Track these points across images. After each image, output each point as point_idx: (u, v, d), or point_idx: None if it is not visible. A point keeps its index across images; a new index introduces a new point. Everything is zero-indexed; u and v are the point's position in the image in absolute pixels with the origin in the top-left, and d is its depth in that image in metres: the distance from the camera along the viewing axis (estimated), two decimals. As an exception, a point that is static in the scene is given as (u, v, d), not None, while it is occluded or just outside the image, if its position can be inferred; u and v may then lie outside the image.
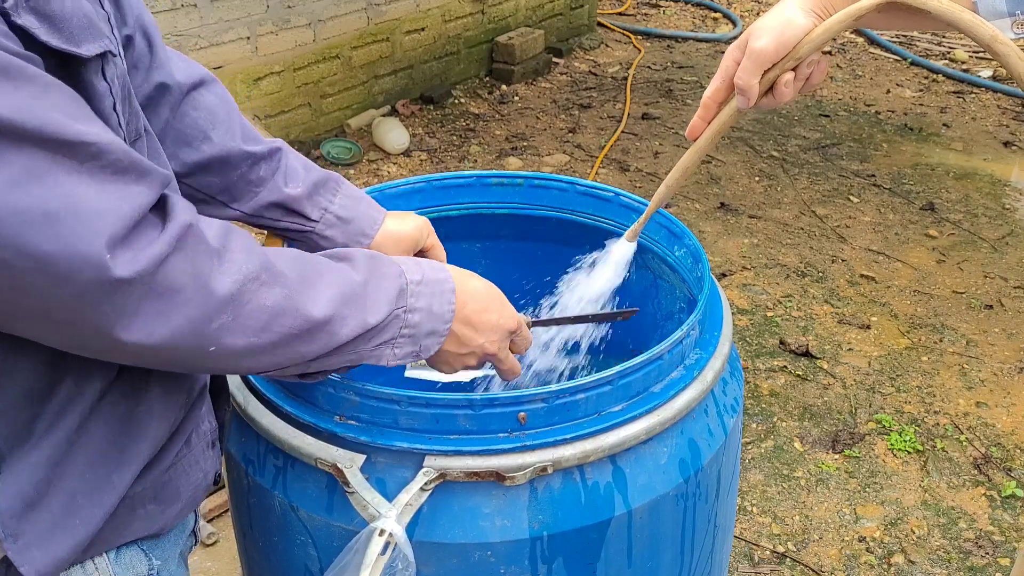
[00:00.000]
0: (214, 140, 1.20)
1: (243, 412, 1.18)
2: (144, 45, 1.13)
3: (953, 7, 0.98)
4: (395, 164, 4.55)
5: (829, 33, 1.05)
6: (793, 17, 1.06)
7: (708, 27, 6.96)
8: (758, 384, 3.13)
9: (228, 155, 1.21)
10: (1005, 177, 4.65)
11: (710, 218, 4.18)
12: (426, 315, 1.02)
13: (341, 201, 1.28)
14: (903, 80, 5.93)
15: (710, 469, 1.19)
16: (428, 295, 1.02)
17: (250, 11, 4.14)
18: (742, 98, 1.10)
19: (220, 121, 1.21)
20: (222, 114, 1.22)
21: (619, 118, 5.17)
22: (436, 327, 1.04)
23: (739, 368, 1.35)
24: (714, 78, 1.14)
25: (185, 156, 1.20)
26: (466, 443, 1.06)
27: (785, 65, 1.07)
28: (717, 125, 1.16)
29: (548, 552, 1.09)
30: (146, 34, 1.13)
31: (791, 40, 1.06)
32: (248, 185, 1.23)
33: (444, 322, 1.04)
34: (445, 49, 5.31)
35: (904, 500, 2.67)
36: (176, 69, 1.18)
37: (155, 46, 1.15)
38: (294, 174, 1.26)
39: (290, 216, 1.26)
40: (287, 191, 1.24)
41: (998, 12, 1.00)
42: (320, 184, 1.27)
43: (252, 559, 1.29)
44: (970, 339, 3.39)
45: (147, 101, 1.15)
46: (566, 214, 1.57)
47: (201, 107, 1.20)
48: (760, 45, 1.06)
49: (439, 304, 1.03)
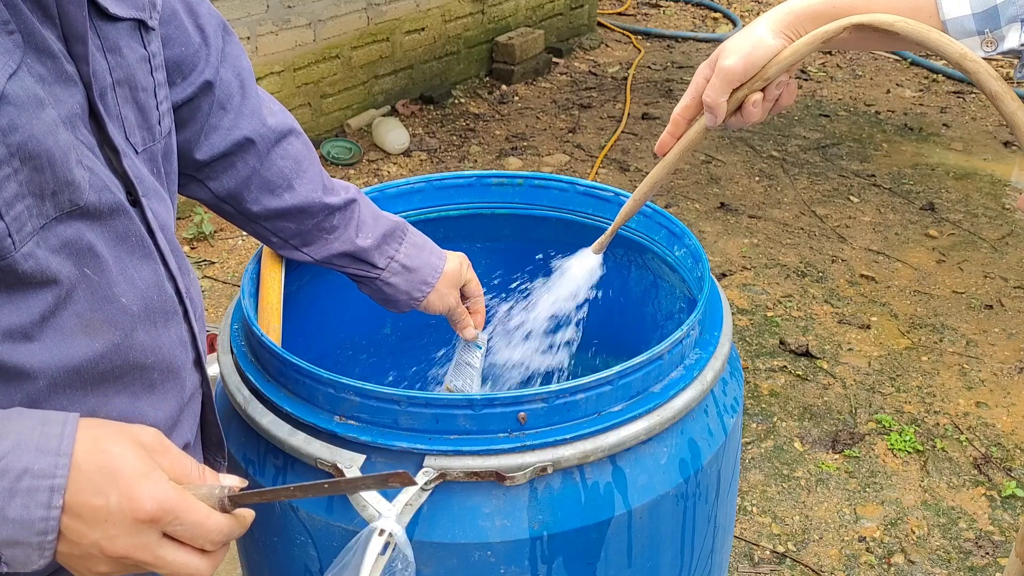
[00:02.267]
0: (297, 190, 1.24)
1: (243, 412, 1.18)
2: (237, 87, 1.17)
3: (921, 27, 0.98)
4: (395, 164, 4.55)
5: (797, 55, 1.05)
6: (763, 38, 1.06)
7: (708, 27, 6.96)
8: (758, 384, 3.13)
9: (308, 206, 1.25)
10: (1005, 177, 4.65)
11: (710, 218, 4.18)
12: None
13: (406, 250, 1.33)
14: (903, 80, 5.93)
15: (710, 469, 1.19)
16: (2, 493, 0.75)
17: (250, 11, 4.14)
18: (710, 116, 1.11)
19: (304, 171, 1.25)
20: (306, 164, 1.25)
21: (619, 118, 5.17)
22: (20, 536, 0.76)
23: (739, 368, 1.35)
24: (684, 95, 1.14)
25: (267, 202, 1.23)
26: (466, 443, 1.06)
27: (753, 85, 1.08)
28: (685, 141, 1.17)
29: (548, 552, 1.09)
30: (240, 77, 1.18)
31: (759, 61, 1.06)
32: (321, 233, 1.28)
33: (37, 532, 0.76)
34: (445, 49, 5.31)
35: (904, 500, 2.67)
36: (268, 114, 1.22)
37: (247, 90, 1.19)
38: (365, 225, 1.30)
39: (358, 264, 1.31)
40: (358, 242, 1.29)
41: (967, 31, 1.00)
42: (388, 234, 1.32)
43: (252, 559, 1.29)
44: (970, 339, 3.39)
45: (235, 148, 1.19)
46: (566, 214, 1.57)
47: (289, 156, 1.23)
48: (729, 64, 1.07)
49: (23, 508, 0.75)
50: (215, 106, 1.16)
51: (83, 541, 0.78)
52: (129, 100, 0.93)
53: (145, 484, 0.79)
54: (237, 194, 1.22)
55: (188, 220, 3.93)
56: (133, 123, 0.94)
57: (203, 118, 1.16)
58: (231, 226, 3.96)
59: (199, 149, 1.17)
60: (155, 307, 0.94)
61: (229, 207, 1.24)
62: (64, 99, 0.83)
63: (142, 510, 0.78)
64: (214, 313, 3.41)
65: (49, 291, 0.84)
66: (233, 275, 3.66)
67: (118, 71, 0.91)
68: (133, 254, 0.91)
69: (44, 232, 0.82)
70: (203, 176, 1.21)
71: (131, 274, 0.91)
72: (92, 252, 0.86)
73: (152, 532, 0.79)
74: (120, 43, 0.92)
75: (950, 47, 0.97)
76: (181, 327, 0.99)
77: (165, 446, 0.84)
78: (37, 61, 0.80)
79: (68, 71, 0.83)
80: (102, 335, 0.89)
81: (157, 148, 0.99)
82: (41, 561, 0.78)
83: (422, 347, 1.70)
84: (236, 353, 1.23)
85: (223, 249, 3.84)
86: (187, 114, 1.15)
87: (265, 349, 1.16)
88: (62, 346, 0.86)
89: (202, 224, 3.86)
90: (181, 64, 1.11)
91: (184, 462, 0.84)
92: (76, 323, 0.87)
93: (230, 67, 1.17)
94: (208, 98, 1.15)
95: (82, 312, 0.87)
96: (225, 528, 0.84)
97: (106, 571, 0.81)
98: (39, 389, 0.85)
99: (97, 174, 0.86)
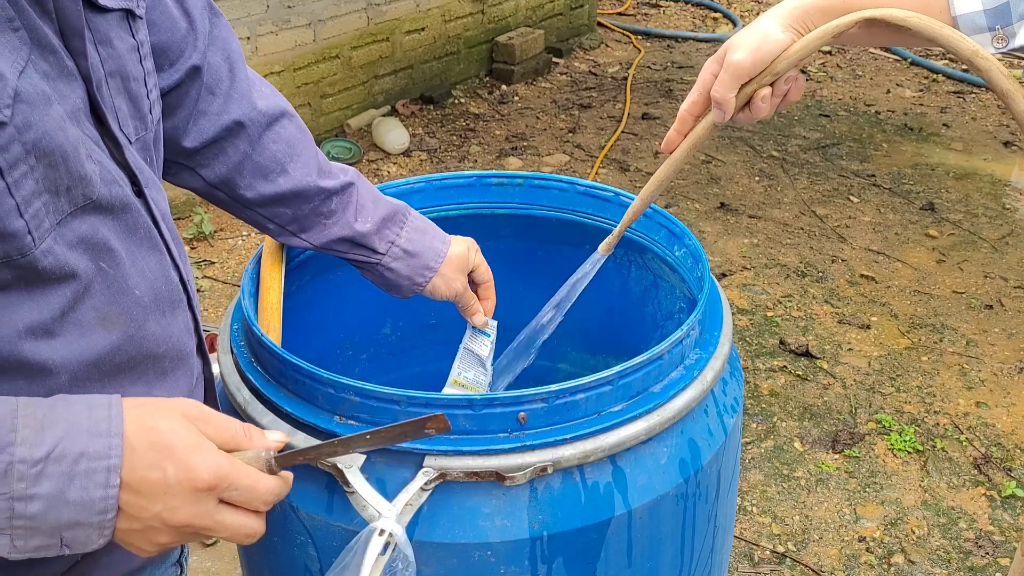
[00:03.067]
0: (291, 174, 1.22)
1: (243, 412, 1.18)
2: (226, 71, 1.15)
3: (933, 23, 0.98)
4: (395, 164, 4.55)
5: (807, 49, 1.04)
6: (771, 32, 1.05)
7: (708, 27, 6.96)
8: (758, 384, 3.13)
9: (303, 190, 1.23)
10: (1005, 177, 4.65)
11: (710, 218, 4.18)
12: (52, 504, 0.77)
13: (407, 234, 1.31)
14: (903, 80, 5.93)
15: (710, 469, 1.19)
16: (59, 477, 0.77)
17: (250, 11, 4.14)
18: (718, 112, 1.09)
19: (298, 155, 1.23)
20: (300, 147, 1.23)
21: (619, 118, 5.17)
22: (81, 518, 0.78)
23: (739, 368, 1.35)
24: (691, 91, 1.13)
25: (260, 187, 1.21)
26: (466, 443, 1.06)
27: (762, 80, 1.07)
28: (693, 139, 1.16)
29: (548, 552, 1.09)
30: (229, 60, 1.16)
31: (768, 55, 1.05)
32: (319, 218, 1.25)
33: (97, 512, 0.79)
34: (445, 49, 5.31)
35: (904, 500, 2.67)
36: (259, 97, 1.19)
37: (236, 74, 1.17)
38: (364, 209, 1.27)
39: (357, 249, 1.29)
40: (356, 227, 1.26)
41: (978, 27, 0.99)
42: (388, 218, 1.29)
43: (252, 559, 1.29)
44: (970, 339, 3.39)
45: (224, 133, 1.17)
46: (566, 214, 1.57)
47: (281, 140, 1.21)
48: (737, 59, 1.06)
49: (82, 489, 0.78)
50: (203, 91, 1.14)
51: (143, 515, 0.81)
52: (122, 91, 0.93)
53: (199, 455, 0.82)
54: (229, 180, 1.20)
55: (188, 220, 3.93)
56: (127, 114, 0.94)
57: (191, 104, 1.14)
58: (231, 226, 3.96)
59: (187, 136, 1.15)
60: (164, 297, 0.95)
61: (222, 194, 1.22)
62: (67, 94, 0.84)
63: (200, 479, 0.81)
64: (214, 313, 3.41)
65: (68, 286, 0.85)
66: (233, 275, 3.66)
67: (110, 62, 0.91)
68: (142, 246, 0.93)
69: (61, 228, 0.83)
70: (194, 164, 1.19)
71: (142, 265, 0.92)
72: (107, 246, 0.88)
73: (211, 499, 0.83)
74: (111, 34, 0.92)
75: (962, 44, 0.96)
76: (186, 314, 1.01)
77: (207, 415, 0.86)
78: (41, 57, 0.81)
79: (68, 66, 0.84)
80: (118, 327, 0.90)
81: (149, 137, 0.99)
82: (101, 540, 0.80)
83: (422, 347, 1.70)
84: (236, 353, 1.23)
85: (223, 249, 3.84)
86: (175, 100, 1.13)
87: (265, 349, 1.16)
88: (82, 340, 0.87)
89: (202, 224, 3.86)
90: (167, 50, 1.09)
91: (229, 426, 0.87)
92: (94, 316, 0.88)
93: (219, 50, 1.15)
94: (196, 83, 1.13)
95: (99, 305, 0.88)
96: (276, 489, 0.88)
97: (167, 541, 0.84)
98: (60, 384, 0.86)
99: (106, 167, 0.87)
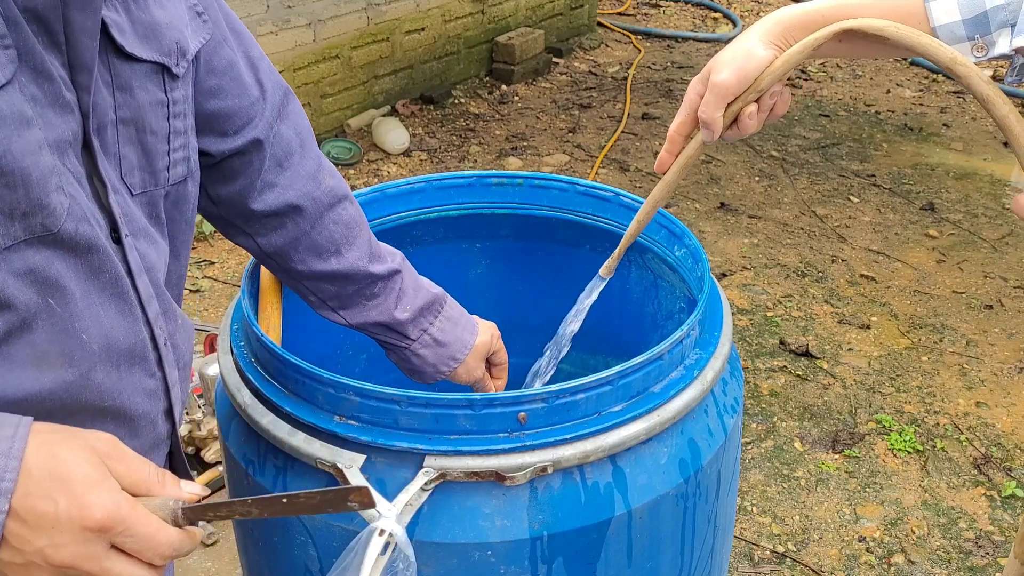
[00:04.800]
0: (344, 256, 1.23)
1: (243, 412, 1.18)
2: (296, 145, 1.18)
3: (911, 32, 0.98)
4: (395, 164, 4.55)
5: (789, 64, 1.05)
6: (753, 49, 1.06)
7: (708, 27, 6.96)
8: (758, 384, 3.13)
9: (353, 272, 1.25)
10: (1005, 177, 4.65)
11: (710, 218, 4.18)
12: None
13: (440, 324, 1.33)
14: (903, 80, 5.93)
15: (710, 469, 1.19)
16: None
17: (250, 11, 4.14)
18: (707, 131, 1.11)
19: (354, 238, 1.24)
20: (356, 231, 1.25)
21: (619, 118, 5.17)
22: None
23: (739, 368, 1.35)
24: (679, 112, 1.14)
25: (312, 264, 1.23)
26: (466, 443, 1.06)
27: (748, 98, 1.08)
28: (684, 158, 1.17)
29: (548, 552, 1.09)
30: (300, 136, 1.18)
31: (752, 73, 1.06)
32: (361, 299, 1.27)
33: None
34: (445, 49, 5.31)
35: (904, 500, 2.67)
36: (326, 177, 1.21)
37: (307, 151, 1.19)
38: (405, 296, 1.29)
39: (390, 334, 1.31)
40: (396, 314, 1.28)
41: (957, 37, 1.00)
42: (426, 307, 1.31)
43: (252, 559, 1.29)
44: (970, 339, 3.39)
45: (287, 208, 1.18)
46: (566, 214, 1.57)
47: (341, 222, 1.23)
48: (721, 79, 1.07)
49: None
50: (271, 162, 1.16)
51: (27, 548, 0.75)
52: (133, 140, 0.92)
53: (96, 492, 0.76)
54: (284, 253, 1.22)
55: (188, 220, 3.93)
56: (133, 163, 0.92)
57: (255, 172, 1.15)
58: (231, 226, 3.96)
59: (255, 201, 1.17)
60: (119, 350, 0.90)
61: (274, 263, 1.25)
62: (56, 124, 0.82)
63: (91, 518, 0.75)
64: (214, 313, 3.41)
65: (1, 316, 0.81)
66: (233, 275, 3.66)
67: (124, 109, 0.90)
68: (103, 292, 0.88)
69: (8, 253, 0.79)
70: (252, 230, 1.21)
71: (97, 311, 0.88)
72: (58, 283, 0.84)
73: (100, 542, 0.77)
74: (133, 83, 0.90)
75: (940, 51, 0.96)
76: (148, 375, 0.95)
77: (121, 451, 0.81)
78: (32, 81, 0.79)
79: (66, 97, 0.82)
80: (55, 369, 0.85)
81: (158, 193, 0.97)
82: None
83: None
84: (236, 353, 1.23)
85: (223, 249, 3.84)
86: (238, 166, 1.14)
87: (265, 349, 1.16)
88: (8, 376, 0.83)
89: (202, 224, 3.85)
90: (233, 115, 1.10)
91: (142, 468, 0.81)
92: (28, 353, 0.83)
93: (291, 125, 1.17)
94: (260, 154, 1.14)
95: (38, 343, 0.83)
96: (176, 542, 0.81)
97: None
98: None
99: (79, 203, 0.84)
